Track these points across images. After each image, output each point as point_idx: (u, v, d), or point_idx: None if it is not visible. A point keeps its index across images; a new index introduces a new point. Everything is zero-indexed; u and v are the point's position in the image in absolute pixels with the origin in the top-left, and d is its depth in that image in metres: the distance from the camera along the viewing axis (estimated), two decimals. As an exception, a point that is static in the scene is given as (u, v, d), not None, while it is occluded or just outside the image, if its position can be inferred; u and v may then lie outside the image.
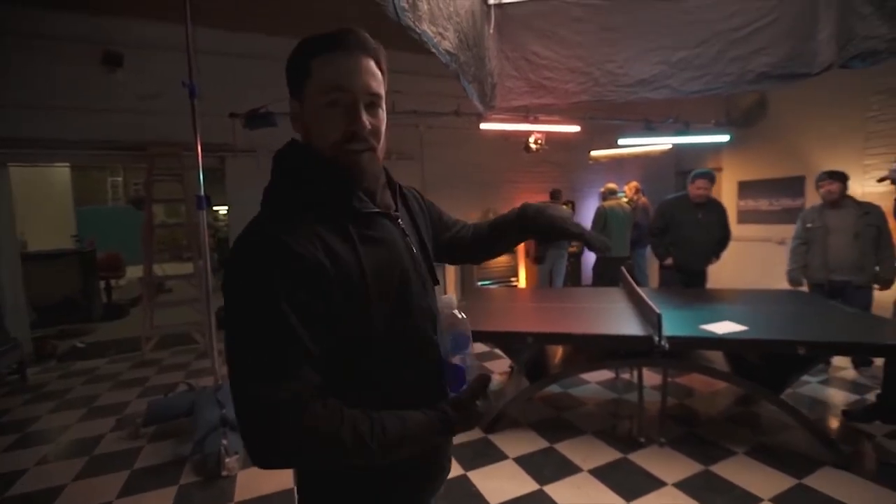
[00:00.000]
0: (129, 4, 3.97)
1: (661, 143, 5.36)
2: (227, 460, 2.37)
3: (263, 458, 0.59)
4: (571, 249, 6.07)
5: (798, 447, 2.46)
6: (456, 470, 2.38)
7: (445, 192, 6.03)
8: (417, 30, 2.12)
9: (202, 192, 2.76)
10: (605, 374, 3.58)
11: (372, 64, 0.71)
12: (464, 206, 6.12)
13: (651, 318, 2.31)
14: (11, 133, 4.14)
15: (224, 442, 2.41)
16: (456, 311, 0.74)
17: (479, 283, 6.11)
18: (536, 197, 6.20)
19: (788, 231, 3.75)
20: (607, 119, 4.66)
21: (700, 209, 3.70)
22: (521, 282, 6.56)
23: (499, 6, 2.97)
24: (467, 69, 2.58)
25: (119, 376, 4.08)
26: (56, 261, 5.91)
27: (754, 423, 2.81)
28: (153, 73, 4.42)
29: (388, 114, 0.77)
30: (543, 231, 0.89)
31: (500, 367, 3.80)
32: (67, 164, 6.66)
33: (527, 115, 4.18)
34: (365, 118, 0.69)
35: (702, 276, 3.92)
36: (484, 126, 4.38)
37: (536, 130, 4.74)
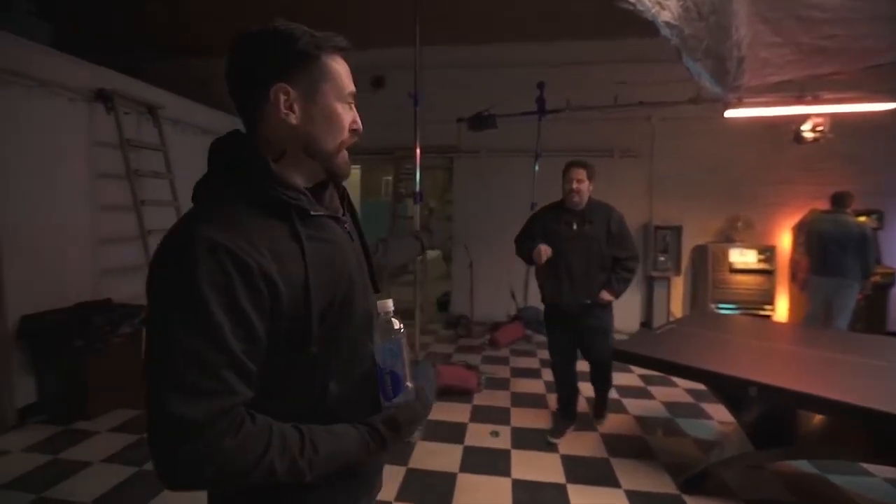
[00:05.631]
0: (382, 37, 4.82)
1: None
2: (410, 429, 2.65)
3: (177, 478, 0.55)
4: (875, 279, 4.31)
5: None
6: (628, 520, 2.02)
7: (679, 194, 5.20)
8: (631, -1, 1.85)
9: (418, 189, 3.14)
10: (904, 468, 2.40)
11: None
12: (704, 211, 5.15)
13: None
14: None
15: (410, 412, 2.71)
16: (392, 318, 0.70)
17: (716, 306, 5.03)
18: (815, 203, 4.65)
19: None
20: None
21: (576, 217, 2.56)
22: (780, 313, 5.08)
23: (758, -44, 2.32)
24: (695, 44, 2.11)
25: (361, 336, 5.11)
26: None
27: None
28: (402, 89, 5.31)
29: (610, 107, 0.70)
30: None
31: (721, 413, 3.03)
32: (358, 166, 8.77)
33: (800, 93, 3.15)
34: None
35: (584, 317, 2.60)
36: (730, 113, 3.53)
37: (815, 113, 3.52)
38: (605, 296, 2.56)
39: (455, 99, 5.09)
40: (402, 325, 0.70)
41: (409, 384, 0.71)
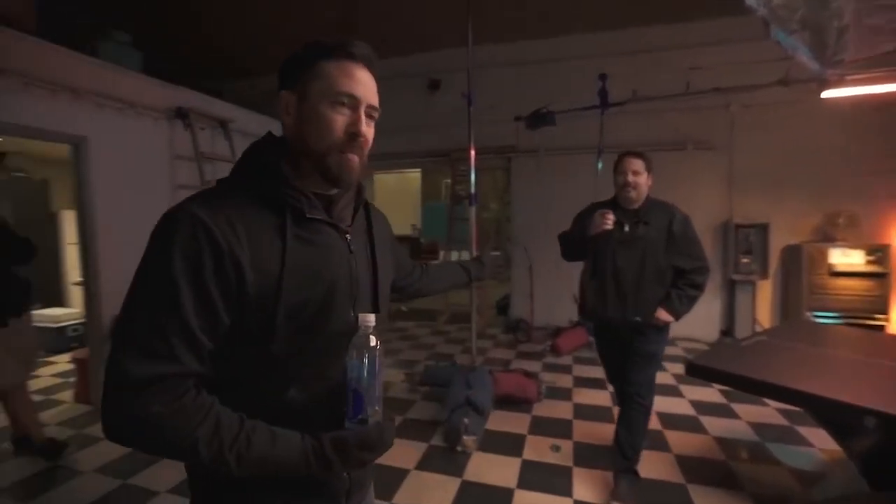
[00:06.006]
0: (439, 39, 4.80)
1: None
2: (465, 438, 2.57)
3: (108, 430, 0.58)
4: None
5: None
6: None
7: (764, 189, 4.68)
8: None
9: (473, 191, 3.06)
10: None
11: (374, 80, 0.75)
12: (795, 207, 4.60)
13: None
14: (377, 149, 5.79)
15: (465, 421, 2.63)
16: (370, 334, 0.66)
17: (812, 315, 4.45)
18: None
19: None
20: None
21: (629, 217, 2.09)
22: None
23: None
24: (787, 14, 1.85)
25: (419, 338, 5.12)
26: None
27: None
28: (459, 91, 5.25)
29: (681, 96, 0.64)
30: None
31: (822, 438, 2.64)
32: (418, 169, 8.85)
33: (920, 65, 2.67)
34: (365, 127, 0.72)
35: (632, 336, 2.11)
36: (829, 94, 3.08)
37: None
38: (663, 315, 2.04)
39: (513, 97, 4.97)
40: (378, 343, 0.67)
41: (377, 408, 0.67)
